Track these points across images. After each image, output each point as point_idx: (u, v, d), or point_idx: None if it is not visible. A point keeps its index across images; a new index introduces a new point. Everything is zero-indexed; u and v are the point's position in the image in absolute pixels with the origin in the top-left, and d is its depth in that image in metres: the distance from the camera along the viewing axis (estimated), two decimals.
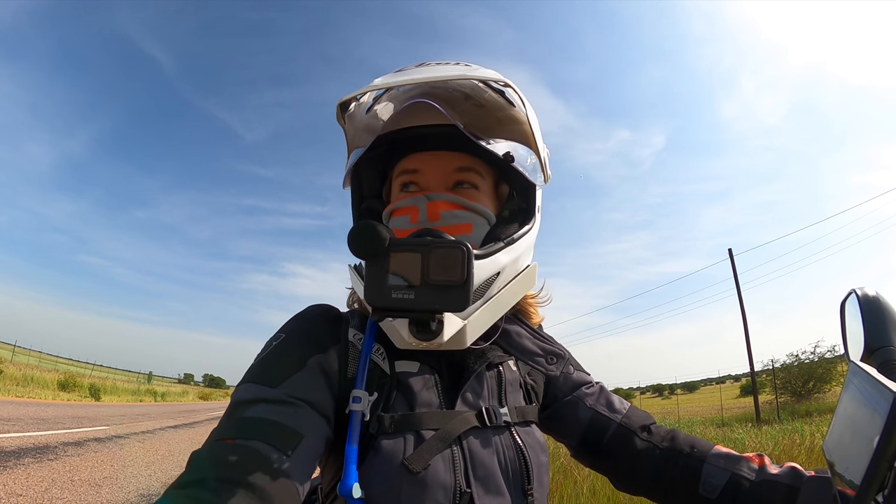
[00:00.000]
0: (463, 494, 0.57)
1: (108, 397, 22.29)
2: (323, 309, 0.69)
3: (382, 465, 0.56)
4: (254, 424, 0.51)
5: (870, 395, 0.44)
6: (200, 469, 0.46)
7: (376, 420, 0.59)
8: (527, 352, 0.72)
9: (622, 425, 0.72)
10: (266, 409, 0.53)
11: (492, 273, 0.61)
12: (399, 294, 0.48)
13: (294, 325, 0.65)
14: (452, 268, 0.48)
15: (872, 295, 0.55)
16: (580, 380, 0.77)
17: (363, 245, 0.48)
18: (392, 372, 0.63)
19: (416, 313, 0.49)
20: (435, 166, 0.67)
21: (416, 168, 0.68)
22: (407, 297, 0.48)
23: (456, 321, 0.56)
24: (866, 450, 0.41)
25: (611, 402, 0.75)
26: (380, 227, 0.48)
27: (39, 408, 12.23)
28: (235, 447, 0.48)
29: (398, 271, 0.48)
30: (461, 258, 0.48)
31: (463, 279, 0.48)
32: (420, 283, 0.48)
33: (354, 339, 0.65)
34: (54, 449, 6.51)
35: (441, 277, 0.48)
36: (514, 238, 0.65)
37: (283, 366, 0.59)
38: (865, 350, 0.53)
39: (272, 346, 0.62)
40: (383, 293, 0.48)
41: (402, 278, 0.48)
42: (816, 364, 19.82)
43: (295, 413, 0.54)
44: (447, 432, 0.59)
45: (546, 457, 0.67)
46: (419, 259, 0.48)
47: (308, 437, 0.53)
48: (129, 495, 4.75)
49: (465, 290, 0.48)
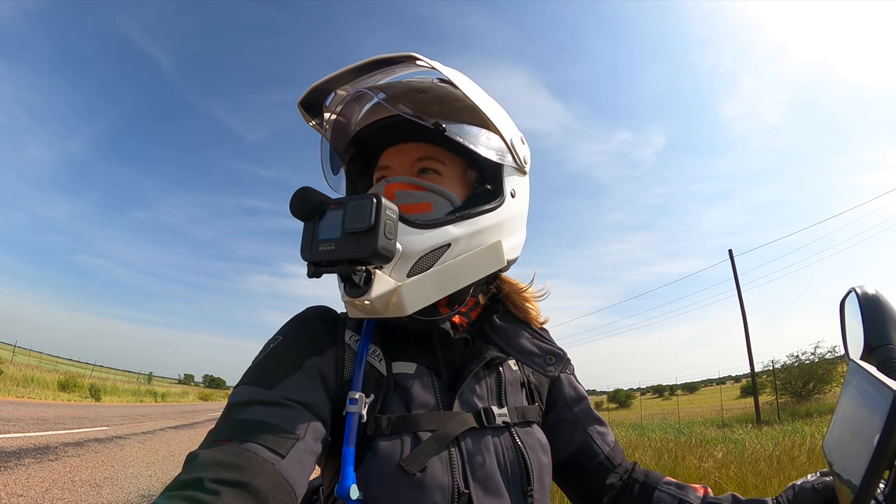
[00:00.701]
0: (461, 496, 0.57)
1: (109, 398, 22.27)
2: (320, 311, 0.70)
3: (380, 467, 0.56)
4: (249, 426, 0.52)
5: (869, 393, 0.44)
6: (196, 470, 0.47)
7: (373, 422, 0.59)
8: (525, 352, 0.72)
9: (608, 458, 0.74)
10: (261, 410, 0.54)
11: (439, 243, 0.62)
12: (324, 247, 0.53)
13: (291, 328, 0.66)
14: (362, 216, 0.52)
15: (872, 293, 0.55)
16: (580, 394, 0.77)
17: (298, 207, 0.53)
18: (389, 373, 0.63)
19: (339, 264, 0.53)
20: (399, 159, 0.71)
21: (387, 164, 0.72)
22: (329, 248, 0.53)
23: (387, 280, 0.58)
24: (866, 449, 0.41)
25: (602, 432, 0.76)
26: (313, 191, 0.54)
27: (40, 408, 12.22)
28: (231, 449, 0.49)
29: (326, 228, 0.53)
30: (370, 206, 0.52)
31: (371, 224, 0.51)
32: (340, 235, 0.53)
33: (351, 340, 0.65)
34: (55, 449, 6.51)
35: (354, 226, 0.52)
36: (471, 213, 0.65)
37: (279, 368, 0.59)
38: (865, 348, 0.53)
39: (269, 348, 0.63)
40: (313, 248, 0.53)
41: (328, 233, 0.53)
42: (817, 365, 19.80)
43: (290, 415, 0.54)
44: (444, 433, 0.60)
45: (548, 458, 0.67)
46: (340, 215, 0.53)
47: (303, 438, 0.53)
48: (129, 496, 4.74)
49: (373, 234, 0.51)
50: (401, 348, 0.66)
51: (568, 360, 0.74)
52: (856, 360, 0.51)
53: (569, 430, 0.74)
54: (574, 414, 0.75)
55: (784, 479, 3.91)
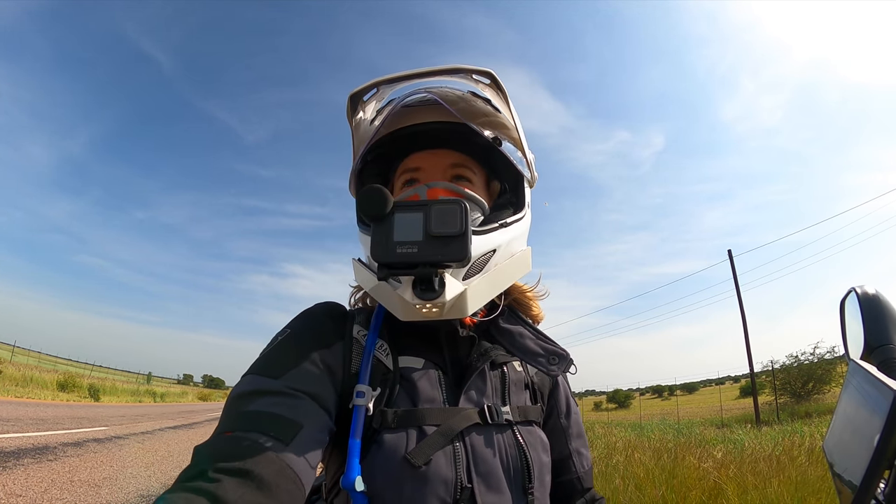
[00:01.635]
0: (464, 489, 0.58)
1: (108, 398, 22.26)
2: (329, 306, 0.72)
3: (385, 460, 0.57)
4: (253, 417, 0.53)
5: (869, 393, 0.44)
6: (201, 462, 0.48)
7: (379, 415, 0.60)
8: (529, 352, 0.73)
9: (579, 479, 0.75)
10: (266, 401, 0.55)
11: (489, 249, 0.65)
12: (404, 249, 0.52)
13: (299, 322, 0.67)
14: (451, 221, 0.53)
15: (872, 293, 0.55)
16: (572, 409, 0.80)
17: (372, 206, 0.52)
18: (395, 368, 0.64)
19: (420, 267, 0.53)
20: (433, 163, 0.73)
21: (417, 166, 0.73)
22: (411, 251, 0.52)
23: (456, 285, 0.59)
24: (866, 449, 0.41)
25: (582, 453, 0.77)
26: (386, 190, 0.53)
27: (39, 408, 12.21)
28: (234, 438, 0.50)
29: (402, 229, 0.53)
30: (459, 212, 0.53)
31: (462, 230, 0.52)
32: (423, 238, 0.52)
33: (359, 335, 0.67)
34: (54, 449, 6.50)
35: (441, 230, 0.52)
36: (508, 222, 0.69)
37: (286, 359, 0.60)
38: (865, 348, 0.53)
39: (277, 340, 0.64)
40: (389, 249, 0.52)
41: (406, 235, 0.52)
42: (816, 365, 19.82)
43: (295, 404, 0.55)
44: (449, 428, 0.61)
45: (548, 457, 0.69)
46: (421, 217, 0.53)
47: (308, 426, 0.54)
48: (128, 496, 4.74)
49: (464, 240, 0.52)
50: (408, 344, 0.68)
51: (571, 360, 0.75)
52: (856, 360, 0.51)
53: (553, 441, 0.75)
54: (562, 427, 0.77)
55: (783, 480, 3.91)
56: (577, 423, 0.79)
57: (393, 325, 0.69)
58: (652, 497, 3.96)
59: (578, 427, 0.79)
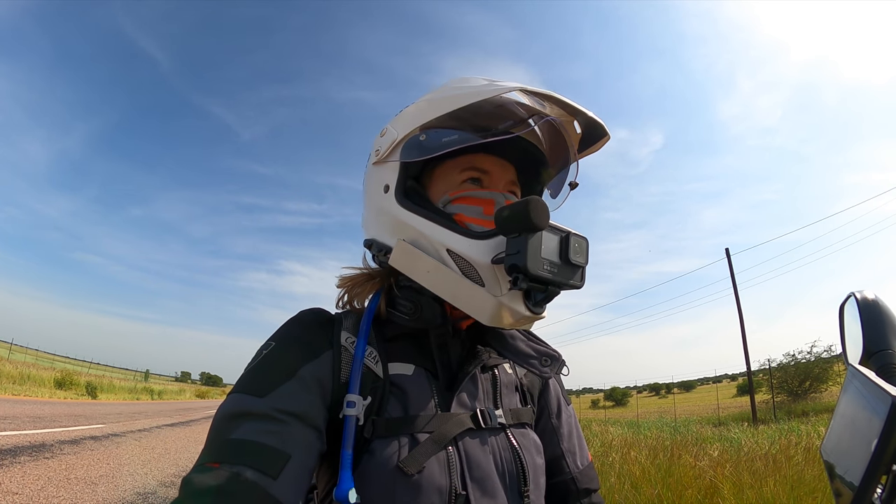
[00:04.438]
0: (458, 497, 0.57)
1: (105, 395, 22.18)
2: (314, 313, 0.69)
3: (377, 469, 0.57)
4: (239, 447, 0.52)
5: (868, 398, 0.44)
6: (191, 498, 0.48)
7: (370, 424, 0.59)
8: (521, 354, 0.73)
9: (573, 480, 0.74)
10: (252, 427, 0.53)
11: None
12: (547, 267, 0.57)
13: (284, 333, 0.65)
14: (583, 252, 0.60)
15: (871, 298, 0.55)
16: (564, 409, 0.79)
17: (543, 218, 0.55)
18: (385, 375, 0.63)
19: (554, 286, 0.59)
20: (500, 173, 0.72)
21: (487, 169, 0.71)
22: (552, 270, 0.57)
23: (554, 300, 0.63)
24: (865, 452, 0.41)
25: (575, 453, 0.76)
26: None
27: (36, 406, 12.18)
28: (221, 473, 0.49)
29: (547, 248, 0.57)
30: (587, 246, 0.61)
31: (586, 262, 0.60)
32: (560, 261, 0.58)
33: (347, 342, 0.65)
34: (50, 447, 6.49)
35: (576, 258, 0.59)
36: None
37: (272, 376, 0.58)
38: (864, 353, 0.53)
39: (262, 355, 0.62)
40: (540, 263, 0.56)
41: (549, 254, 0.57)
42: (813, 364, 19.94)
43: (281, 430, 0.54)
44: (442, 434, 0.60)
45: (542, 459, 0.68)
46: (558, 241, 0.58)
47: (295, 456, 0.53)
48: (125, 493, 4.74)
49: (584, 272, 0.61)
50: (397, 349, 0.66)
51: (563, 361, 0.75)
52: (854, 365, 0.51)
53: (545, 441, 0.74)
54: (553, 427, 0.76)
55: (780, 479, 3.92)
56: (569, 423, 0.78)
57: (381, 331, 0.68)
58: (648, 495, 3.96)
59: (570, 427, 0.78)
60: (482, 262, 0.60)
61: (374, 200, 0.72)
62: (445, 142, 0.67)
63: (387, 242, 0.70)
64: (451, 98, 0.66)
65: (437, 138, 0.68)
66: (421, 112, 0.69)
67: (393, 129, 0.71)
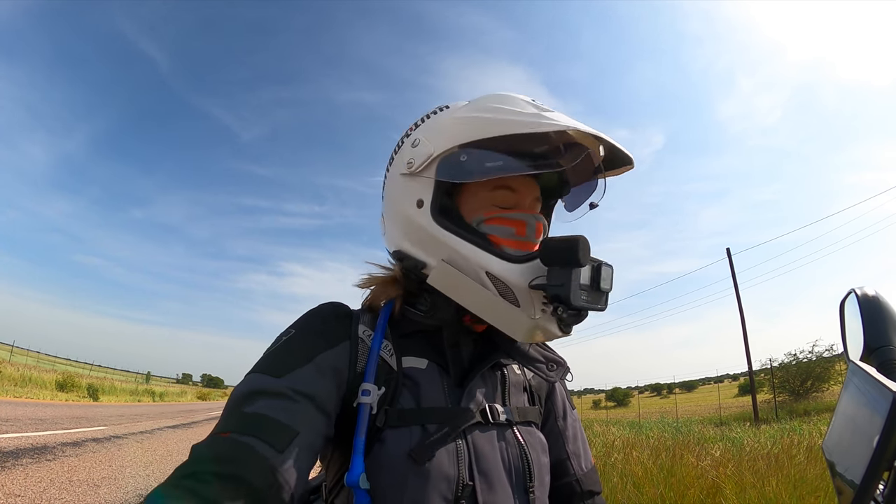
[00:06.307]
0: (465, 487, 0.59)
1: (107, 397, 22.23)
2: (334, 306, 0.72)
3: (388, 457, 0.59)
4: (250, 420, 0.54)
5: (869, 394, 0.44)
6: (194, 462, 0.49)
7: (383, 413, 0.61)
8: (529, 358, 0.74)
9: (577, 481, 0.76)
10: (265, 404, 0.55)
11: None
12: (583, 296, 0.60)
13: (305, 322, 0.68)
14: (609, 280, 0.63)
15: (872, 294, 0.56)
16: (570, 412, 0.81)
17: (586, 255, 0.60)
18: (399, 367, 0.65)
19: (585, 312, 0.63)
20: (528, 192, 0.72)
21: (517, 188, 0.70)
22: (586, 299, 0.61)
23: None
24: (866, 450, 0.41)
25: (580, 454, 0.78)
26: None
27: (37, 408, 12.20)
28: (229, 441, 0.51)
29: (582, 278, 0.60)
30: (612, 273, 0.63)
31: (611, 288, 0.63)
32: (590, 289, 0.61)
33: (364, 335, 0.68)
34: (52, 449, 6.50)
35: (605, 286, 0.62)
36: None
37: (290, 358, 0.61)
38: (865, 350, 0.53)
39: (282, 340, 0.65)
40: (579, 295, 0.60)
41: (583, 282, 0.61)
42: (814, 363, 19.90)
43: (293, 408, 0.55)
44: (452, 426, 0.62)
45: (547, 458, 0.70)
46: (590, 270, 0.61)
47: (303, 433, 0.55)
48: (127, 495, 4.74)
49: (608, 296, 0.64)
50: (411, 344, 0.69)
51: (568, 368, 0.76)
52: (855, 362, 0.51)
53: (551, 443, 0.76)
54: (559, 429, 0.78)
55: (782, 478, 3.91)
56: (574, 427, 0.80)
57: (397, 327, 0.70)
58: (650, 495, 3.96)
59: (575, 430, 0.80)
60: (520, 285, 0.62)
61: (404, 212, 0.70)
62: (490, 167, 0.66)
63: (421, 258, 0.69)
64: (497, 122, 0.64)
65: (480, 161, 0.66)
66: (461, 129, 0.67)
67: (427, 141, 0.69)
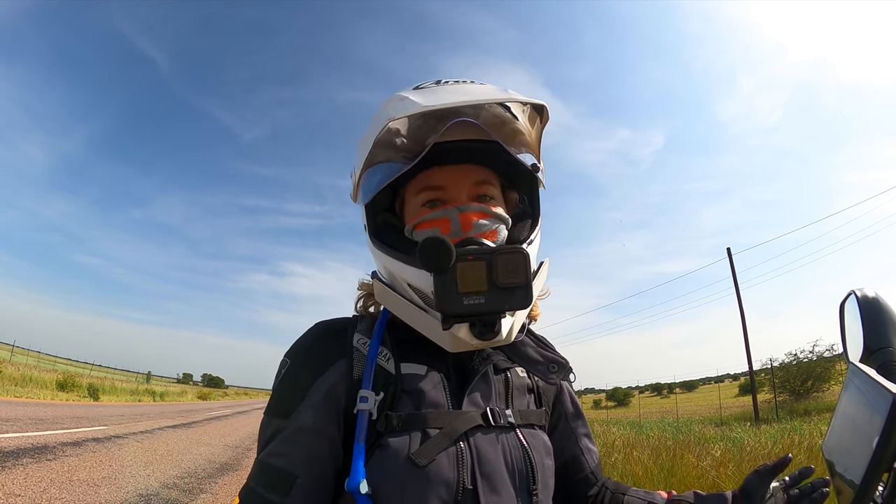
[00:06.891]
0: (465, 491, 0.59)
1: (107, 397, 22.21)
2: (324, 326, 0.72)
3: (389, 461, 0.59)
4: (261, 468, 0.61)
5: (869, 396, 0.44)
6: None
7: (384, 419, 0.61)
8: (529, 360, 0.74)
9: (593, 473, 0.79)
10: (273, 449, 0.62)
11: None
12: (470, 300, 0.53)
13: (296, 350, 0.69)
14: (516, 271, 0.54)
15: (872, 296, 0.56)
16: (578, 410, 0.82)
17: (437, 259, 0.52)
18: (397, 372, 0.65)
19: (486, 316, 0.55)
20: (457, 181, 0.68)
21: (441, 185, 0.68)
22: (477, 301, 0.53)
23: (508, 319, 0.60)
24: (866, 450, 0.41)
25: (591, 449, 0.81)
26: (449, 241, 0.53)
27: (38, 408, 12.20)
28: (249, 492, 0.61)
29: (466, 280, 0.53)
30: (523, 262, 0.54)
31: (526, 281, 0.54)
32: (488, 288, 0.53)
33: (359, 344, 0.67)
34: (53, 449, 6.50)
35: (508, 280, 0.54)
36: (532, 239, 0.70)
37: (288, 397, 0.65)
38: (865, 351, 0.53)
39: (281, 375, 0.67)
40: (455, 302, 0.53)
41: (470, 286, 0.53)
42: (815, 363, 19.86)
43: (295, 453, 0.61)
44: (453, 430, 0.62)
45: (551, 461, 0.69)
46: (484, 266, 0.54)
47: (304, 475, 0.60)
48: (127, 495, 4.74)
49: (528, 290, 0.54)
50: (410, 350, 0.68)
51: (570, 368, 0.76)
52: (855, 363, 0.51)
53: (563, 442, 0.77)
54: (571, 428, 0.79)
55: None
56: (584, 425, 0.82)
57: (395, 333, 0.69)
58: None
59: (586, 428, 0.82)
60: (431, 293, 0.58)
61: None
62: (378, 181, 0.68)
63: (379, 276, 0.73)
64: (367, 135, 0.67)
65: (372, 178, 0.69)
66: (359, 152, 0.70)
67: (354, 169, 0.72)
